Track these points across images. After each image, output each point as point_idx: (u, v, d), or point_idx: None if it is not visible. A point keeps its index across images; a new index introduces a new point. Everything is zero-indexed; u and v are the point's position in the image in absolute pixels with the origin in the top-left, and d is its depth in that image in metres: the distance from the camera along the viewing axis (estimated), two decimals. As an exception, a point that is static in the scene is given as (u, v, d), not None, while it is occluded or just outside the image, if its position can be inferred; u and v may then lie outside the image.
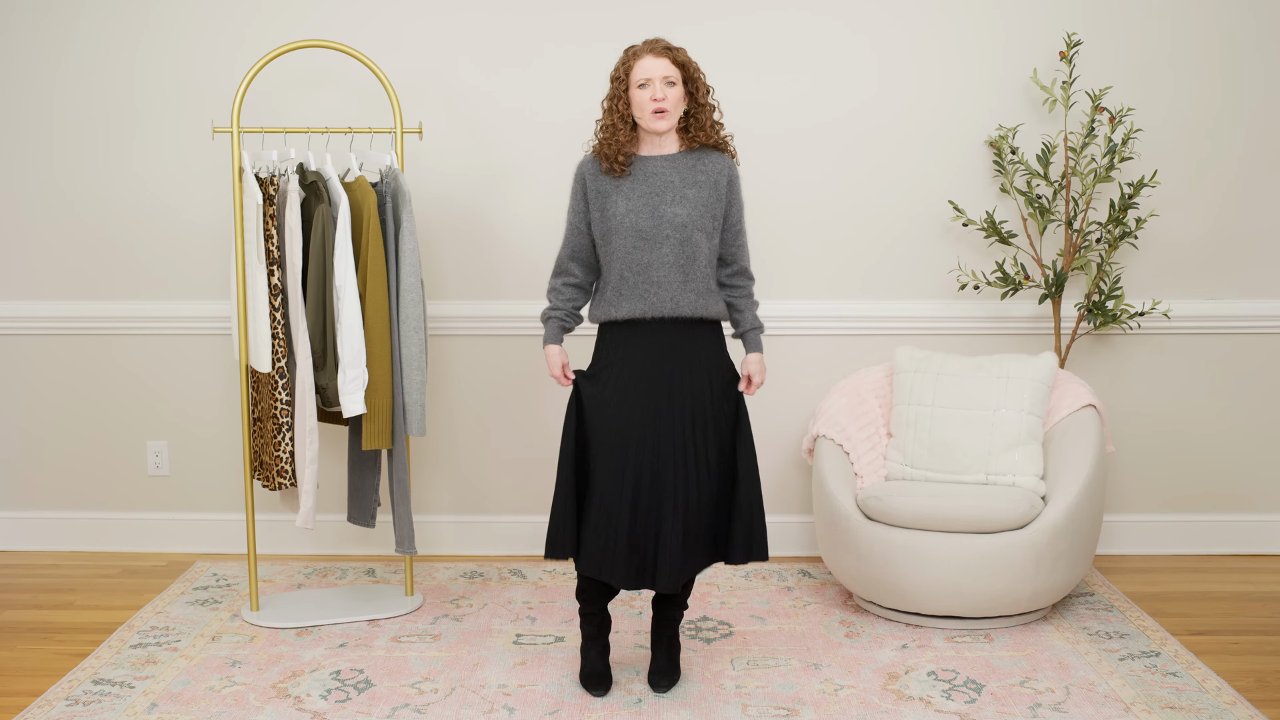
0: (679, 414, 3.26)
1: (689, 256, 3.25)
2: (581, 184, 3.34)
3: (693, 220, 3.24)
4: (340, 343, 3.72)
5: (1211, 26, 4.40)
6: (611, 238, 3.27)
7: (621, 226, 3.25)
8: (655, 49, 3.25)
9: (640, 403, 3.25)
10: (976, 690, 3.40)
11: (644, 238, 3.24)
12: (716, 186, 3.30)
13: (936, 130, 4.44)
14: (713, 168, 3.31)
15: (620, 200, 3.26)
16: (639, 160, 3.30)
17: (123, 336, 4.57)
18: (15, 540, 4.67)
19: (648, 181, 3.27)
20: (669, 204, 3.24)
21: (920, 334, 4.48)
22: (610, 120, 3.28)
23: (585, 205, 3.34)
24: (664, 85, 3.22)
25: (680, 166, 3.29)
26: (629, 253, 3.25)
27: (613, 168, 3.27)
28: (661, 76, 3.22)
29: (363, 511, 4.10)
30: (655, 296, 3.24)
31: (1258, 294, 4.51)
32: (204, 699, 3.37)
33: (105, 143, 4.49)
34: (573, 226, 3.37)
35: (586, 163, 3.35)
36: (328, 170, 3.81)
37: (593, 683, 3.42)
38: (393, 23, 4.40)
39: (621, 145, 3.26)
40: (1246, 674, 3.51)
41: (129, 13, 4.43)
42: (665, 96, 3.22)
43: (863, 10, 4.40)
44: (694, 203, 3.25)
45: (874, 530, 3.81)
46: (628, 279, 3.26)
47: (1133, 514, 4.60)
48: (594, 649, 3.45)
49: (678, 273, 3.24)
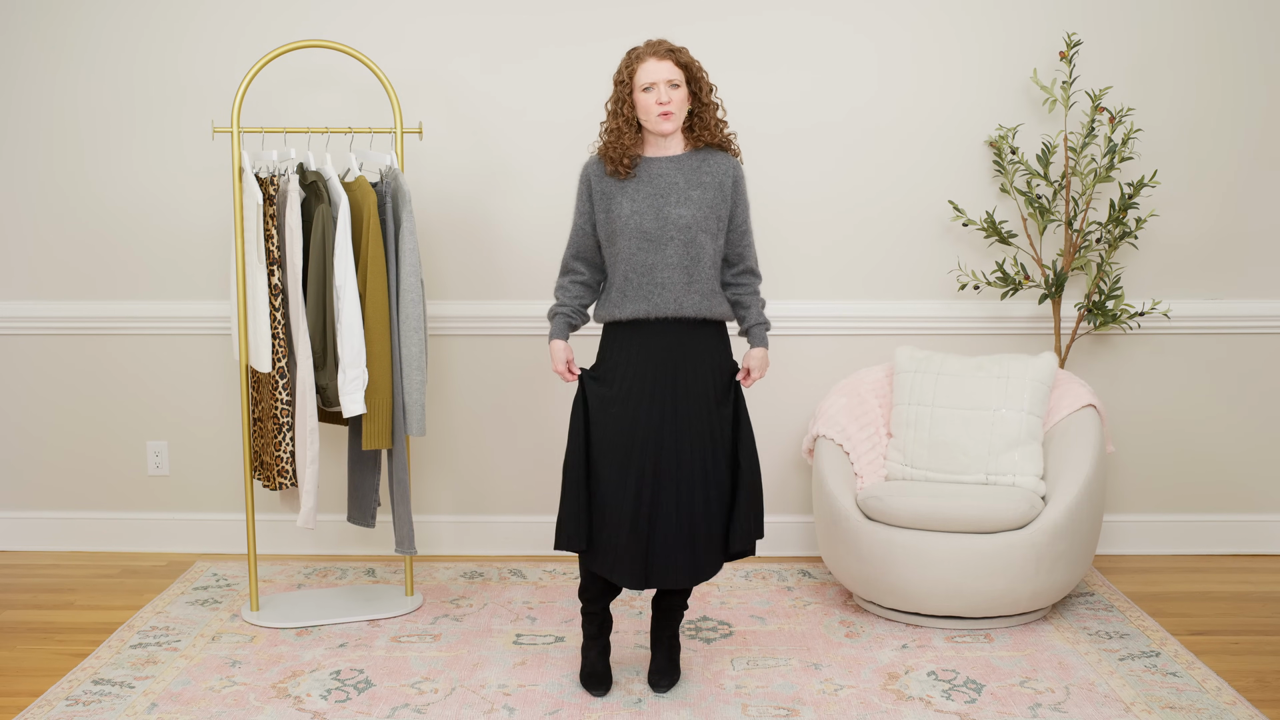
0: (683, 413, 3.27)
1: (693, 258, 3.26)
2: (587, 185, 3.35)
3: (697, 221, 3.25)
4: (340, 343, 3.72)
5: (1211, 26, 4.40)
6: (616, 239, 3.28)
7: (626, 228, 3.25)
8: (658, 51, 3.25)
9: (645, 402, 3.26)
10: (976, 690, 3.40)
11: (649, 239, 3.25)
12: (721, 187, 3.30)
13: (937, 130, 4.44)
14: (717, 168, 3.31)
15: (625, 202, 3.27)
16: (644, 161, 3.30)
17: (122, 336, 4.57)
18: (15, 540, 4.67)
19: (652, 183, 3.27)
20: (674, 205, 3.25)
21: (920, 334, 4.48)
22: (615, 124, 3.28)
23: (590, 206, 3.34)
24: (668, 88, 3.23)
25: (685, 167, 3.29)
26: (633, 254, 3.26)
27: (618, 170, 3.28)
28: (665, 79, 3.22)
29: (363, 511, 4.10)
30: (659, 297, 3.25)
31: (1258, 294, 4.51)
32: (204, 699, 3.37)
33: (105, 143, 4.49)
34: (578, 227, 3.38)
35: (592, 164, 3.36)
36: (328, 170, 3.81)
37: (593, 683, 3.42)
38: (393, 22, 4.40)
39: (627, 148, 3.27)
40: (1246, 674, 3.51)
41: (129, 13, 4.43)
42: (670, 99, 3.22)
43: (863, 10, 4.40)
44: (698, 204, 3.26)
45: (874, 530, 3.81)
46: (632, 280, 3.27)
47: (1133, 514, 4.60)
48: (595, 649, 3.46)
49: (682, 274, 3.25)
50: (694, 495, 3.26)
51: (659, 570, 3.25)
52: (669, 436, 3.26)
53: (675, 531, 3.23)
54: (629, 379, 3.28)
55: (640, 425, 3.25)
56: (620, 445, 3.25)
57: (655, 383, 3.27)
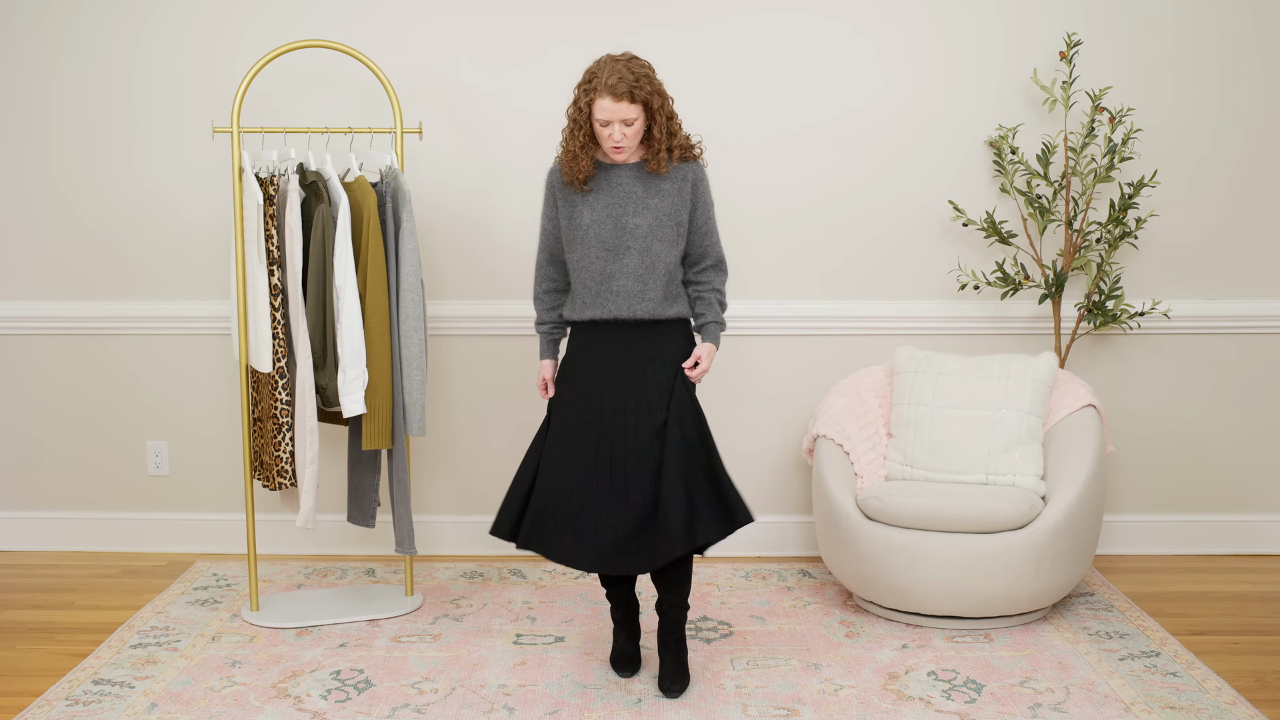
0: (637, 403, 3.33)
1: (649, 266, 3.32)
2: (551, 191, 3.42)
3: (653, 230, 3.32)
4: (340, 343, 3.72)
5: (1211, 26, 4.39)
6: (575, 246, 3.36)
7: (586, 237, 3.33)
8: (615, 90, 3.22)
9: (598, 393, 3.35)
10: (976, 690, 3.40)
11: (607, 248, 3.32)
12: (680, 193, 3.35)
13: (937, 130, 4.44)
14: (676, 174, 3.36)
15: (585, 211, 3.34)
16: (603, 170, 3.36)
17: (122, 336, 4.57)
18: (15, 540, 4.67)
19: (611, 192, 3.34)
20: (630, 215, 3.32)
21: (920, 334, 4.48)
22: (572, 146, 3.33)
23: (556, 210, 3.42)
24: (622, 126, 3.26)
25: (643, 176, 3.35)
26: (592, 262, 3.33)
27: (574, 183, 3.35)
28: (620, 119, 3.25)
29: (363, 511, 4.10)
30: (613, 303, 3.33)
31: (1258, 294, 4.51)
32: (204, 699, 3.37)
33: (105, 143, 4.49)
34: (546, 231, 3.46)
35: (556, 171, 3.41)
36: (328, 170, 3.81)
37: (621, 664, 3.51)
38: (393, 23, 4.40)
39: (582, 169, 3.32)
40: (1246, 674, 3.51)
41: (128, 13, 4.42)
42: (625, 135, 3.27)
43: (863, 10, 4.40)
44: (655, 212, 3.32)
45: (874, 530, 3.81)
46: (589, 286, 3.35)
47: (1133, 514, 4.60)
48: (622, 631, 3.54)
49: (637, 281, 3.32)
50: (643, 483, 3.29)
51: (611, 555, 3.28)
52: (620, 426, 3.33)
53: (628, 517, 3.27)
54: (586, 372, 3.37)
55: (594, 415, 3.34)
56: (574, 434, 3.34)
57: (611, 374, 3.35)
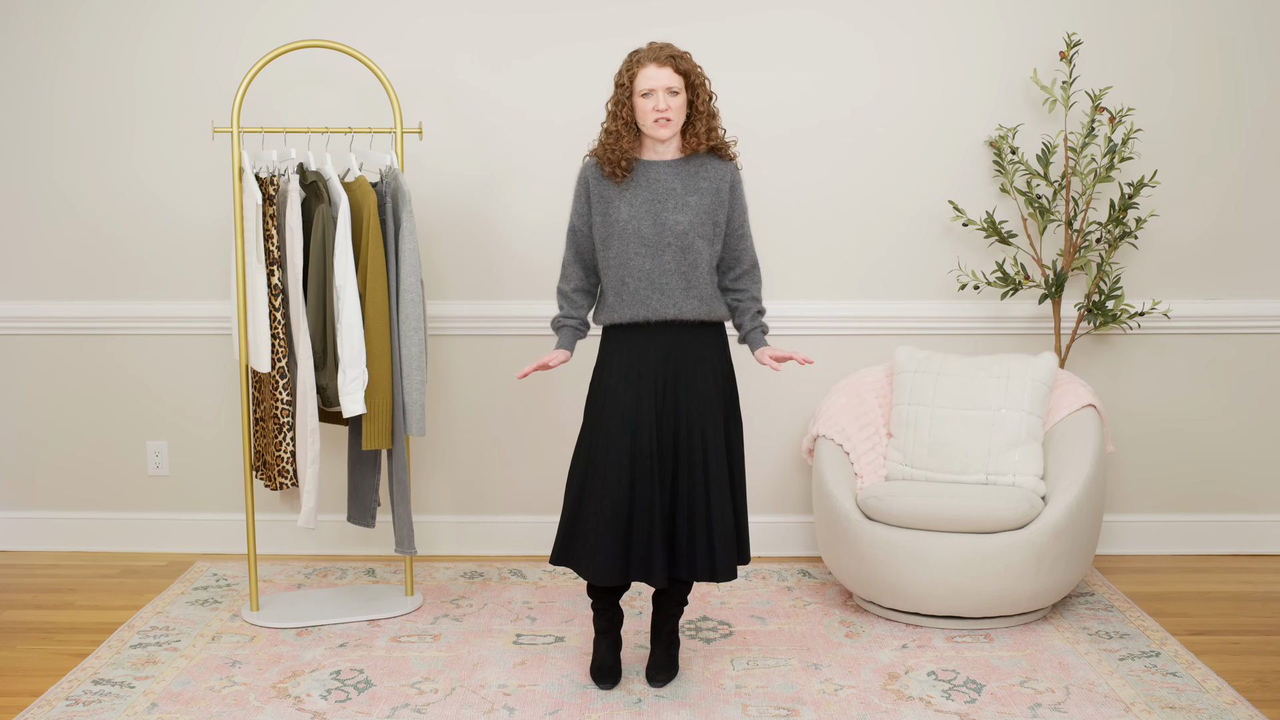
0: (683, 413, 3.29)
1: (690, 264, 3.27)
2: (585, 187, 3.36)
3: (694, 228, 3.27)
4: (340, 343, 3.72)
5: (1211, 26, 4.40)
6: (612, 243, 3.29)
7: (624, 232, 3.27)
8: (659, 58, 3.24)
9: (644, 402, 3.27)
10: (976, 690, 3.40)
11: (646, 244, 3.26)
12: (718, 193, 3.31)
13: (937, 130, 4.44)
14: (714, 174, 3.32)
15: (623, 206, 3.28)
16: (641, 165, 3.31)
17: (122, 336, 4.57)
18: (15, 540, 4.67)
19: (650, 188, 3.28)
20: (671, 211, 3.26)
21: (920, 334, 4.48)
22: (614, 126, 3.28)
23: (588, 208, 3.35)
24: (667, 95, 3.23)
25: (682, 173, 3.30)
26: (630, 259, 3.27)
27: (615, 172, 3.28)
28: (665, 86, 3.22)
29: (363, 511, 4.10)
30: (658, 303, 3.26)
31: (1258, 294, 4.51)
32: (204, 699, 3.37)
33: (105, 143, 4.49)
34: (575, 229, 3.39)
35: (590, 166, 3.36)
36: (328, 170, 3.81)
37: (601, 676, 3.44)
38: (393, 22, 4.40)
39: (625, 151, 3.27)
40: (1246, 674, 3.51)
41: (129, 12, 4.42)
42: (669, 106, 3.23)
43: (863, 10, 4.40)
44: (695, 210, 3.27)
45: (874, 530, 3.81)
46: (629, 285, 3.28)
47: (1133, 514, 4.60)
48: (605, 643, 3.48)
49: (680, 279, 3.27)
50: (688, 495, 3.27)
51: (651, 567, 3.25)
52: (667, 436, 3.28)
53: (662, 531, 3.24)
54: (630, 379, 3.29)
55: (639, 424, 3.26)
56: (616, 443, 3.26)
57: (654, 382, 3.29)
